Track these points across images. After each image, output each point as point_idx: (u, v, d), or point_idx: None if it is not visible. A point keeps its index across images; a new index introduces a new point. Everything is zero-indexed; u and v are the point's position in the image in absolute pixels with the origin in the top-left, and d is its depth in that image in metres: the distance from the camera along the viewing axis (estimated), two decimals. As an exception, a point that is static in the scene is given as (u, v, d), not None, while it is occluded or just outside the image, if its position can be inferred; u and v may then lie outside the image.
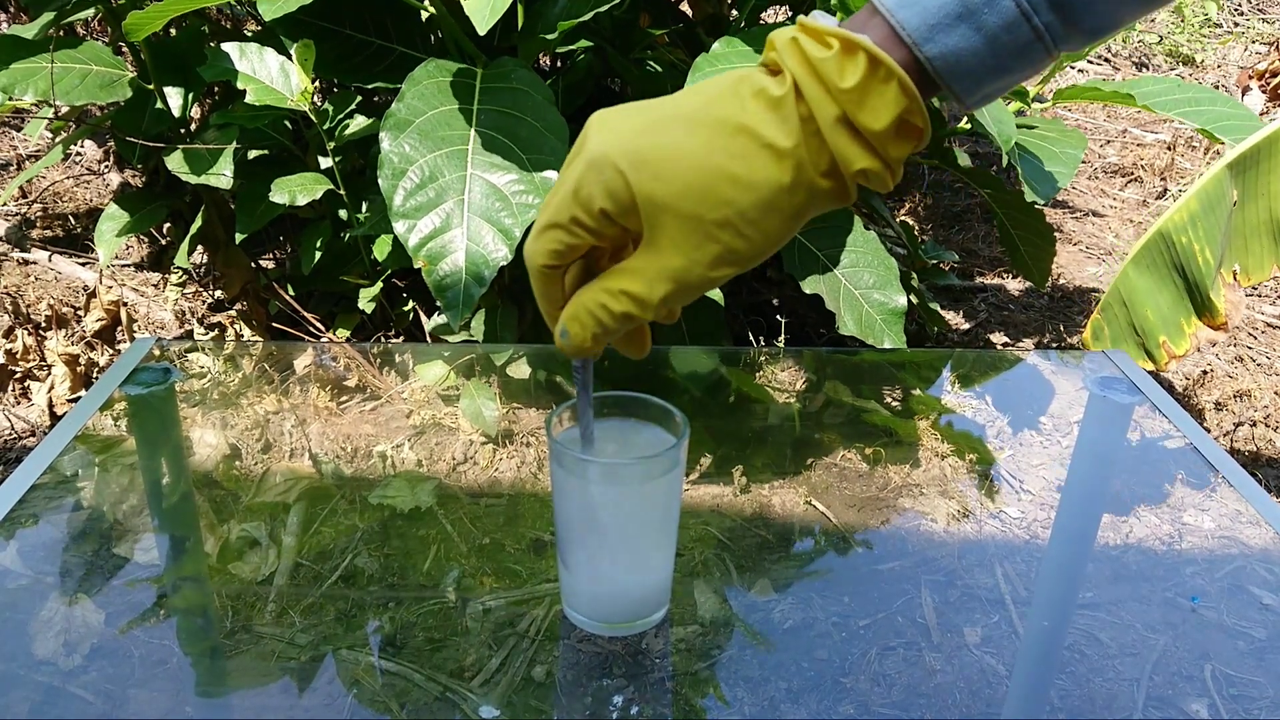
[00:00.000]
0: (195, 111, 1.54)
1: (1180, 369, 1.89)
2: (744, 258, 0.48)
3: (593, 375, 0.58)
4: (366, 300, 1.41)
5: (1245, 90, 3.00)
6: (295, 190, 1.31)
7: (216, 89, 1.58)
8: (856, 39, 0.45)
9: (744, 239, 0.47)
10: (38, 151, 2.23)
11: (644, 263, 0.49)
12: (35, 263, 1.93)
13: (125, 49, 1.48)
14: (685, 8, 1.58)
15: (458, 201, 1.03)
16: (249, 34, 1.55)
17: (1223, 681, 0.61)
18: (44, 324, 1.74)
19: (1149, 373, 1.22)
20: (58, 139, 1.70)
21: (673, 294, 0.49)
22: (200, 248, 1.81)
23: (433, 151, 1.05)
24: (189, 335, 1.77)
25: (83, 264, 1.93)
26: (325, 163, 1.39)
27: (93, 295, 1.74)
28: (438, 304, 1.05)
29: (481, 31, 0.94)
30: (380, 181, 1.03)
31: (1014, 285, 2.16)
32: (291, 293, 1.53)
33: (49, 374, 1.63)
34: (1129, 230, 2.42)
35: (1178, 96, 1.47)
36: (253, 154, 1.45)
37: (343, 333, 1.48)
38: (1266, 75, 3.00)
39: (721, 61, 1.13)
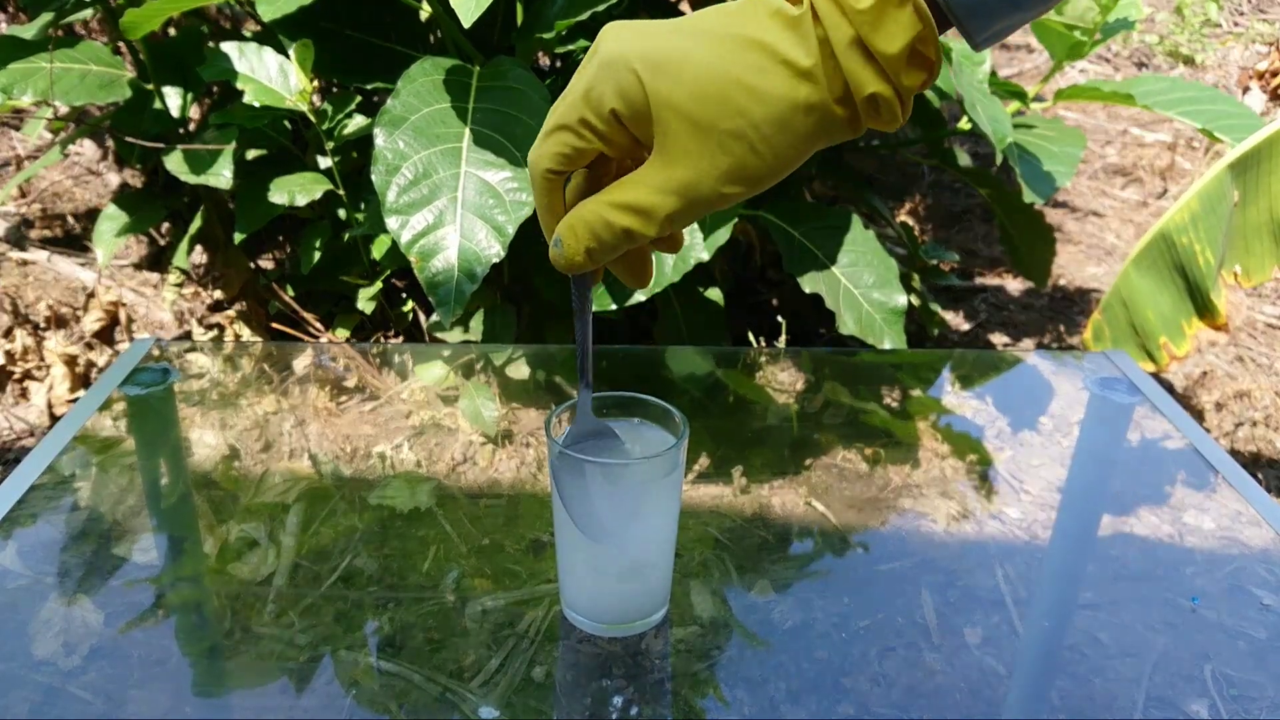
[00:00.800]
0: (194, 111, 1.54)
1: (1180, 369, 1.89)
2: (754, 175, 0.47)
3: (592, 303, 0.56)
4: (365, 300, 1.40)
5: (1245, 90, 3.00)
6: (294, 190, 1.31)
7: (215, 89, 1.58)
8: None
9: (755, 154, 0.47)
10: (37, 151, 2.23)
11: (651, 174, 0.48)
12: (34, 263, 1.93)
13: (124, 49, 1.48)
14: (685, 8, 1.58)
15: (451, 198, 1.03)
16: (248, 34, 1.55)
17: (1223, 682, 0.61)
18: (43, 324, 1.74)
19: (1149, 373, 1.22)
20: (57, 139, 1.70)
21: (679, 210, 0.48)
22: (199, 248, 1.81)
23: (427, 149, 1.05)
24: (188, 335, 1.77)
25: (82, 264, 1.93)
26: (324, 163, 1.39)
27: (91, 295, 1.74)
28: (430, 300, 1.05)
29: (466, 24, 0.94)
30: (374, 177, 1.03)
31: (1014, 285, 2.16)
32: (291, 293, 1.53)
33: (48, 374, 1.63)
34: (1129, 230, 2.42)
35: (1178, 96, 1.47)
36: (252, 154, 1.45)
37: (342, 333, 1.48)
38: (1267, 75, 3.01)
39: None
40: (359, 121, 1.31)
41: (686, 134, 0.46)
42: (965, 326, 2.01)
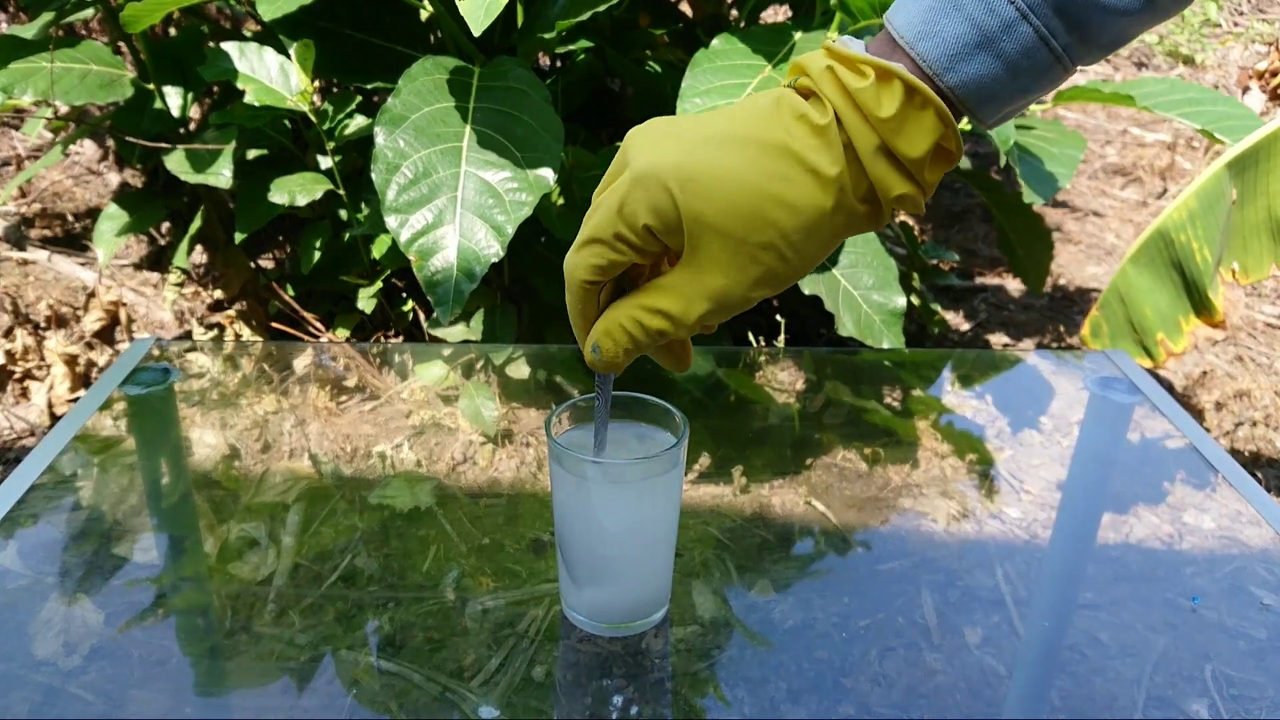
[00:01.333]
0: (195, 111, 1.54)
1: (1180, 369, 1.89)
2: (782, 279, 0.49)
3: (612, 389, 0.58)
4: (366, 300, 1.40)
5: (1245, 90, 3.00)
6: (295, 190, 1.31)
7: (216, 89, 1.58)
8: (891, 67, 0.45)
9: (784, 261, 0.48)
10: (37, 151, 2.23)
11: (683, 281, 0.49)
12: (34, 262, 1.93)
13: (125, 49, 1.48)
14: (685, 8, 1.58)
15: (450, 198, 1.03)
16: (248, 34, 1.55)
17: (1223, 682, 0.61)
18: (43, 324, 1.74)
19: (1148, 371, 1.22)
20: (57, 139, 1.70)
21: (710, 313, 0.49)
22: (199, 248, 1.81)
23: (427, 148, 1.05)
24: (188, 335, 1.77)
25: (82, 264, 1.93)
26: (325, 163, 1.39)
27: (92, 295, 1.74)
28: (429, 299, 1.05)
29: (476, 33, 0.94)
30: (374, 176, 1.03)
31: (1014, 285, 2.16)
32: (291, 293, 1.53)
33: (48, 374, 1.63)
34: (1129, 230, 2.42)
35: (1178, 97, 1.47)
36: (252, 154, 1.45)
37: (342, 333, 1.48)
38: (1266, 75, 3.01)
39: (721, 58, 1.12)
40: (359, 121, 1.31)
41: (718, 247, 0.47)
42: (965, 326, 2.01)
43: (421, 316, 1.49)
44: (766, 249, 0.47)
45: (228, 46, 1.27)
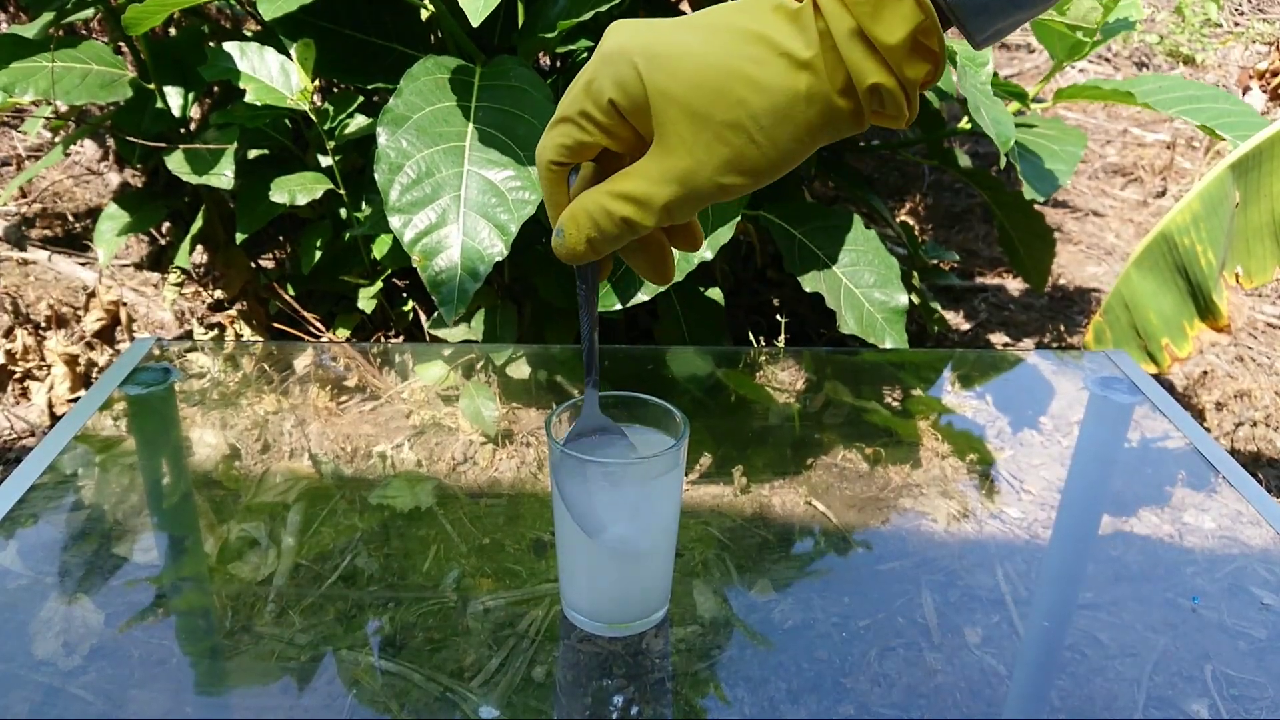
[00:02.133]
0: (195, 111, 1.54)
1: (1181, 369, 1.89)
2: (753, 167, 0.48)
3: (598, 298, 0.56)
4: (366, 300, 1.40)
5: (1245, 90, 3.00)
6: (295, 190, 1.31)
7: (216, 89, 1.58)
8: None
9: (755, 145, 0.47)
10: (37, 151, 2.23)
11: (649, 164, 0.48)
12: (35, 263, 1.93)
13: (125, 48, 1.48)
14: (685, 7, 1.58)
15: (454, 197, 1.03)
16: (249, 34, 1.55)
17: (1223, 681, 0.61)
18: (43, 324, 1.74)
19: (1151, 374, 1.22)
20: (57, 138, 1.70)
21: (677, 200, 0.48)
22: (200, 248, 1.81)
23: (430, 147, 1.05)
24: (189, 335, 1.77)
25: (82, 264, 1.93)
26: (325, 162, 1.39)
27: (92, 295, 1.74)
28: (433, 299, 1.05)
29: (475, 24, 0.94)
30: (376, 176, 1.03)
31: (1014, 285, 2.16)
32: (291, 293, 1.53)
33: (48, 374, 1.63)
34: (1129, 230, 2.42)
35: (1178, 94, 1.47)
36: (253, 154, 1.45)
37: (343, 333, 1.48)
38: (1267, 75, 3.00)
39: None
40: (360, 121, 1.31)
41: (684, 124, 0.47)
42: (965, 326, 2.01)
43: (422, 316, 1.49)
44: (734, 128, 0.46)
45: (228, 46, 1.27)
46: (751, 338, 1.63)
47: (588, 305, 0.56)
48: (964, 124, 1.53)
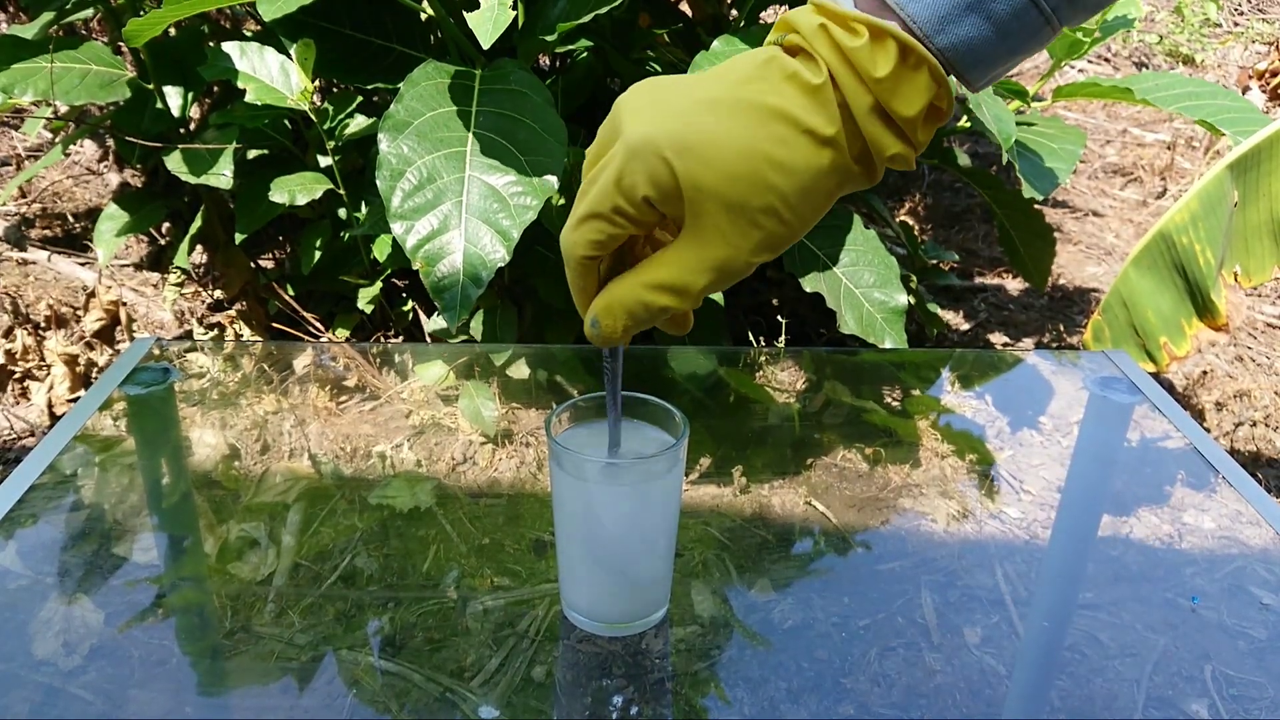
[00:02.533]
0: (195, 111, 1.54)
1: (1180, 369, 1.89)
2: (782, 242, 0.49)
3: (622, 365, 0.57)
4: (366, 300, 1.40)
5: (1245, 90, 3.00)
6: (295, 190, 1.31)
7: (216, 89, 1.58)
8: (885, 26, 0.45)
9: (784, 224, 0.48)
10: (37, 151, 2.23)
11: (685, 253, 0.48)
12: (34, 263, 1.93)
13: (125, 49, 1.48)
14: (685, 8, 1.58)
15: (456, 203, 1.03)
16: (248, 34, 1.55)
17: (1223, 681, 0.61)
18: (43, 324, 1.74)
19: (1149, 374, 1.22)
20: (57, 139, 1.70)
21: (714, 283, 0.49)
22: (200, 248, 1.81)
23: (431, 153, 1.05)
24: (188, 335, 1.77)
25: (82, 264, 1.93)
26: (325, 162, 1.39)
27: (92, 295, 1.74)
28: (436, 305, 1.05)
29: (485, 45, 0.95)
30: (378, 183, 1.03)
31: (1014, 285, 2.16)
32: (291, 293, 1.53)
33: (48, 374, 1.63)
34: (1129, 230, 2.42)
35: (1177, 91, 1.47)
36: (252, 154, 1.45)
37: (342, 333, 1.48)
38: (1266, 75, 3.00)
39: (721, 59, 1.12)
40: (360, 121, 1.31)
41: (720, 215, 0.47)
42: (965, 326, 2.01)
43: (422, 316, 1.49)
44: (766, 213, 0.47)
45: (228, 46, 1.27)
46: (751, 338, 1.64)
47: (614, 377, 0.57)
48: (964, 123, 1.53)
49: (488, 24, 0.95)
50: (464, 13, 0.97)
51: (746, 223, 0.47)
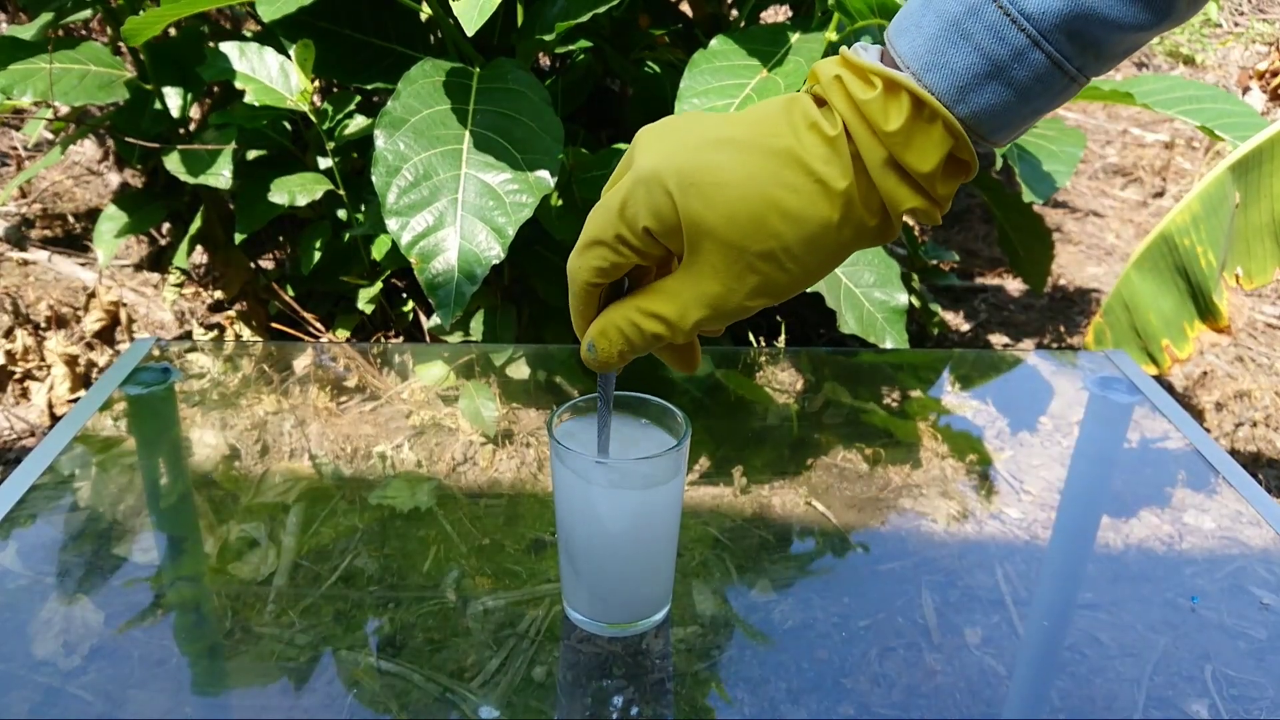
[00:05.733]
0: (194, 112, 1.54)
1: (1180, 369, 1.89)
2: (781, 290, 0.48)
3: (614, 389, 0.58)
4: (366, 301, 1.40)
5: (1245, 90, 3.00)
6: (294, 190, 1.31)
7: (215, 89, 1.58)
8: (899, 79, 0.44)
9: (785, 272, 0.47)
10: (37, 151, 2.23)
11: (681, 286, 0.48)
12: (34, 263, 1.93)
13: (124, 49, 1.48)
14: (685, 8, 1.58)
15: (451, 200, 1.03)
16: (248, 34, 1.55)
17: (1223, 682, 0.61)
18: (43, 324, 1.74)
19: (1151, 375, 1.22)
20: (57, 139, 1.70)
21: (706, 320, 0.49)
22: (199, 248, 1.81)
23: (427, 150, 1.05)
24: (188, 335, 1.77)
25: (82, 264, 1.93)
26: (325, 163, 1.39)
27: (92, 295, 1.74)
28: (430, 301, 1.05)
29: (470, 33, 0.94)
30: (374, 179, 1.03)
31: (1014, 285, 2.16)
32: (291, 293, 1.53)
33: (48, 374, 1.63)
34: (1129, 230, 2.42)
35: (1178, 94, 1.46)
36: (252, 154, 1.45)
37: (342, 333, 1.48)
38: (1267, 75, 3.01)
39: (719, 59, 1.12)
40: (359, 122, 1.31)
41: (717, 254, 0.47)
42: (965, 326, 2.01)
43: (422, 317, 1.49)
44: (766, 258, 0.47)
45: (227, 47, 1.27)
46: (751, 338, 1.63)
47: (606, 400, 0.58)
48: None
49: (473, 10, 0.95)
50: (450, 2, 0.97)
51: (743, 265, 0.47)
